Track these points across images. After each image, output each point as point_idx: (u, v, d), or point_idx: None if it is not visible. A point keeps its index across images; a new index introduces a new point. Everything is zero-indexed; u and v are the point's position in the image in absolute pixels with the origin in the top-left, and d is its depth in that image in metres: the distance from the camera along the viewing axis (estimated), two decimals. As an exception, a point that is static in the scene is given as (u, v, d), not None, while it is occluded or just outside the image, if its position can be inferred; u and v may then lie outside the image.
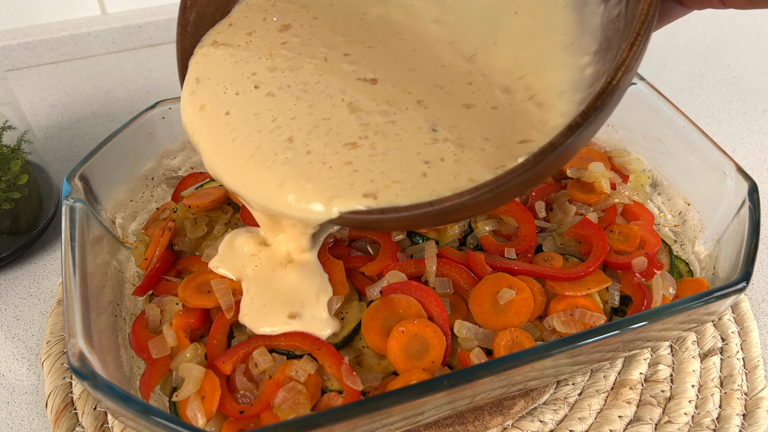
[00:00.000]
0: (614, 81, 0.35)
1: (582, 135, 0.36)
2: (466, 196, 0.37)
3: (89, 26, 1.04)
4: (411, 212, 0.38)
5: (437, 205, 0.38)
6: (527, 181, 0.37)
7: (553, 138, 0.35)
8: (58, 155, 0.86)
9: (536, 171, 0.36)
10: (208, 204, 0.62)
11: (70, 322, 0.44)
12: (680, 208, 0.65)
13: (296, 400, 0.47)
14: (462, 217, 0.41)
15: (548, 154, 0.35)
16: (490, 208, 0.40)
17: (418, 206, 0.38)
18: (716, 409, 0.55)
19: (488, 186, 0.36)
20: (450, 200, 0.37)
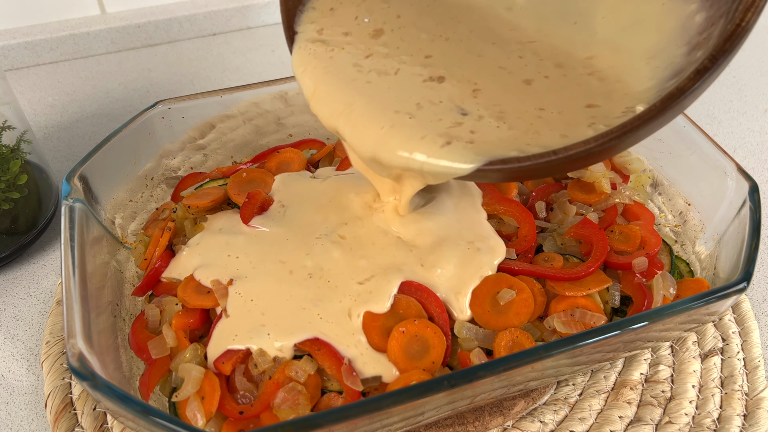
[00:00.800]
0: (743, 23, 0.35)
1: (708, 81, 0.36)
2: (592, 143, 0.39)
3: (89, 26, 1.04)
4: (547, 159, 0.40)
5: (568, 152, 0.40)
6: (649, 129, 0.38)
7: (680, 82, 0.36)
8: (58, 155, 0.85)
9: (662, 117, 0.37)
10: (208, 204, 0.62)
11: (70, 323, 0.44)
12: (681, 208, 0.65)
13: (296, 401, 0.47)
14: (579, 166, 0.43)
15: (676, 98, 0.36)
16: (609, 155, 0.42)
17: (550, 153, 0.40)
18: (717, 410, 0.55)
19: (614, 132, 0.38)
20: (576, 147, 0.39)
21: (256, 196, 0.61)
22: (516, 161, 0.41)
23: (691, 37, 0.41)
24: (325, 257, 0.55)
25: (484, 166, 0.42)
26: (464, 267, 0.53)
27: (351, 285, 0.53)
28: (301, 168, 0.67)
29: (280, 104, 0.73)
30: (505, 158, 0.41)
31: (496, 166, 0.41)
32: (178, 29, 1.09)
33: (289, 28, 0.51)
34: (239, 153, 0.73)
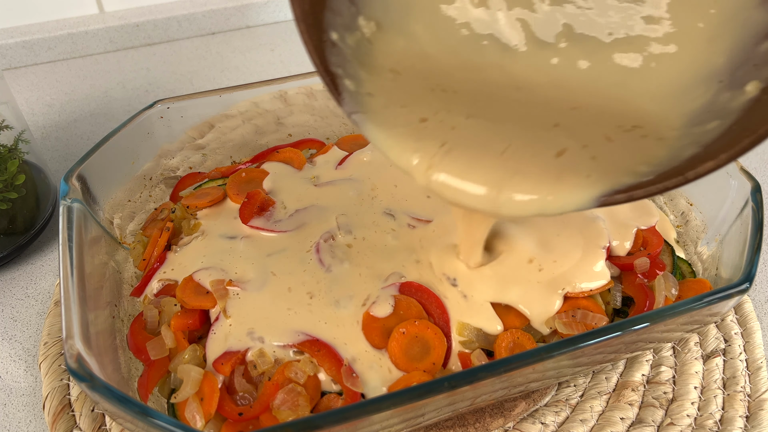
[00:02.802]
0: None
1: None
2: (722, 155, 0.37)
3: (87, 25, 1.04)
4: (664, 183, 0.38)
5: (690, 171, 0.38)
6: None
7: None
8: (56, 155, 0.85)
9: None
10: (207, 204, 0.62)
11: (68, 324, 0.44)
12: (683, 209, 0.64)
13: (295, 402, 0.46)
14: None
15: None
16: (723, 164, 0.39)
17: (670, 174, 0.39)
18: (719, 411, 0.55)
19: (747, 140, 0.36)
20: (704, 165, 0.37)
21: (256, 196, 0.60)
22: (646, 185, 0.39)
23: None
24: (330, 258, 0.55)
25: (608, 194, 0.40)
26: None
27: (352, 286, 0.53)
28: (300, 168, 0.67)
29: (279, 104, 0.72)
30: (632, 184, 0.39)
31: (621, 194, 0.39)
32: (176, 28, 1.09)
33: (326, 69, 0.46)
34: (238, 153, 0.73)
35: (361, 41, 0.45)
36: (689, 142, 0.40)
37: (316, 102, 0.74)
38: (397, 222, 0.58)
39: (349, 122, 0.76)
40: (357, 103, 0.43)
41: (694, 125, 0.40)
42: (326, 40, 0.43)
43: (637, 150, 0.41)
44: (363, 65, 0.45)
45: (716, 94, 0.40)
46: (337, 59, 0.43)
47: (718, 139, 0.39)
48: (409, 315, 0.51)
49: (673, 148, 0.40)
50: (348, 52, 0.44)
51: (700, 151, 0.39)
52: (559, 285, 0.53)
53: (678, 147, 0.40)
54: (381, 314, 0.50)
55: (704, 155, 0.38)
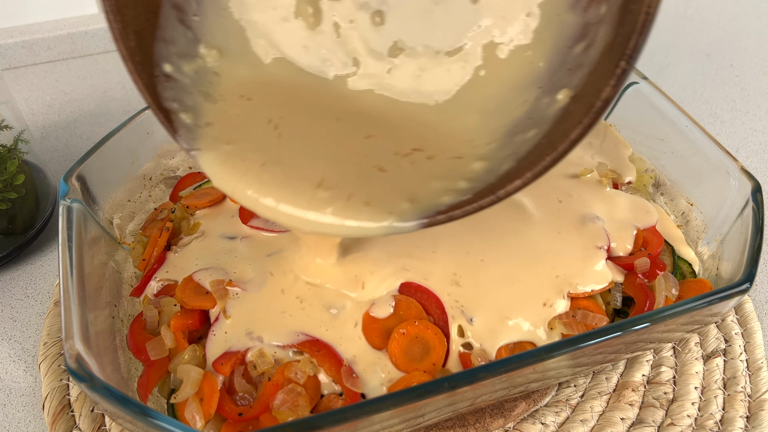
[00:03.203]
0: (651, 9, 0.33)
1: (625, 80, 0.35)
2: (527, 173, 0.37)
3: (86, 25, 1.04)
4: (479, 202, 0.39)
5: (501, 190, 0.39)
6: (583, 135, 0.37)
7: (605, 92, 0.35)
8: (55, 155, 0.85)
9: (595, 121, 0.37)
10: (206, 204, 0.62)
11: (67, 324, 0.44)
12: (683, 209, 0.64)
13: (295, 402, 0.46)
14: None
15: (605, 108, 0.35)
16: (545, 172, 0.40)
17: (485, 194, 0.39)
18: (719, 412, 0.55)
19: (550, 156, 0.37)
20: (512, 184, 0.38)
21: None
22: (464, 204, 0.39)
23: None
24: None
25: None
26: None
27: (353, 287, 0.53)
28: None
29: (279, 103, 0.72)
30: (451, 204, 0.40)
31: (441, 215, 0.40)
32: (177, 28, 1.08)
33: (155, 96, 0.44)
34: (238, 153, 0.72)
35: (202, 70, 0.44)
36: (509, 154, 0.40)
37: (316, 102, 0.73)
38: None
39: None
40: (194, 139, 0.42)
41: (515, 134, 0.41)
42: (158, 74, 0.42)
43: (456, 168, 0.41)
44: (208, 96, 0.44)
45: (537, 101, 0.41)
46: (172, 93, 0.42)
47: (529, 153, 0.39)
48: (409, 315, 0.51)
49: (494, 159, 0.41)
50: (186, 81, 0.43)
51: (514, 166, 0.39)
52: (562, 287, 0.53)
53: (498, 159, 0.40)
54: (381, 315, 0.50)
55: (515, 172, 0.39)
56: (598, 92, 0.35)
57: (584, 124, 0.36)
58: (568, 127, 0.37)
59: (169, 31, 0.43)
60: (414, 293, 0.52)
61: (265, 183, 0.42)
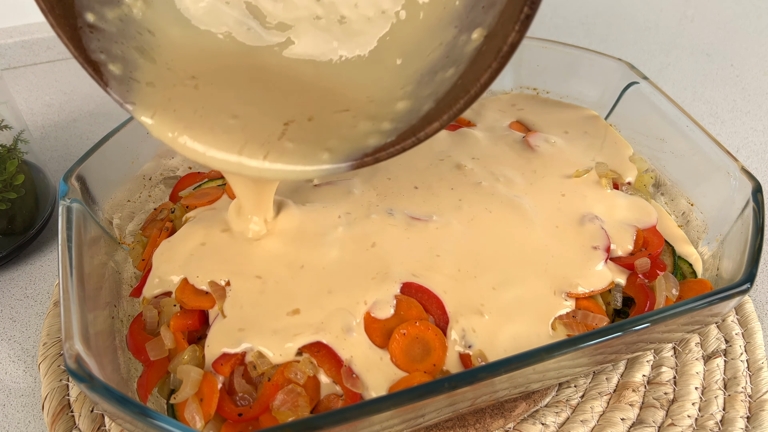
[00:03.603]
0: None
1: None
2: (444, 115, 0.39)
3: (87, 25, 1.03)
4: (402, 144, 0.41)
5: (421, 132, 0.41)
6: (492, 79, 0.39)
7: (512, 37, 0.36)
8: (55, 155, 0.85)
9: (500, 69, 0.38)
10: (206, 204, 0.62)
11: (67, 324, 0.44)
12: (683, 209, 0.64)
13: (295, 403, 0.46)
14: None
15: (512, 52, 0.37)
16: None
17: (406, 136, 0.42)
18: (720, 412, 0.55)
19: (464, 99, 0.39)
20: (431, 126, 0.40)
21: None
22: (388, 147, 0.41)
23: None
24: (325, 257, 0.55)
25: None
26: None
27: (353, 287, 0.52)
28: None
29: (279, 103, 0.72)
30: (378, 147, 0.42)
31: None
32: (176, 28, 1.08)
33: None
34: (238, 152, 0.72)
35: (129, 19, 0.44)
36: (429, 93, 0.42)
37: (316, 102, 0.73)
38: (396, 220, 0.58)
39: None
40: (127, 92, 0.43)
41: (435, 72, 0.42)
42: (82, 26, 0.42)
43: (380, 109, 0.43)
44: (144, 53, 0.44)
45: (454, 39, 0.42)
46: (98, 44, 0.43)
47: (446, 95, 0.40)
48: (409, 316, 0.51)
49: (416, 99, 0.42)
50: (112, 30, 0.43)
51: (433, 107, 0.41)
52: (561, 287, 0.53)
53: (420, 98, 0.42)
54: (382, 316, 0.50)
55: (434, 114, 0.40)
56: (505, 36, 0.37)
57: (493, 68, 0.37)
58: (479, 71, 0.38)
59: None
60: (415, 293, 0.52)
61: (198, 130, 0.44)
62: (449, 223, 0.58)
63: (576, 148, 0.68)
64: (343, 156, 0.43)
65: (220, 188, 0.64)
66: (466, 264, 0.54)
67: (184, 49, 0.46)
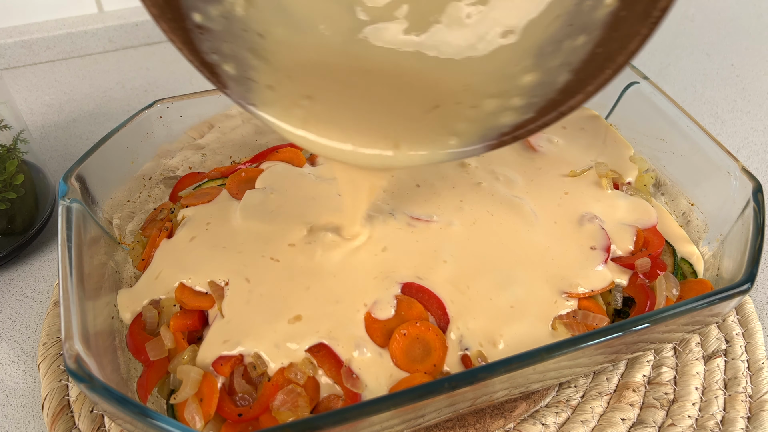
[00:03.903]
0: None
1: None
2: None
3: (86, 24, 1.03)
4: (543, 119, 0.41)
5: (564, 106, 0.39)
6: (641, 46, 0.37)
7: (663, 1, 0.34)
8: (55, 155, 0.85)
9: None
10: (206, 204, 0.62)
11: (67, 324, 0.44)
12: (684, 209, 0.64)
13: (295, 403, 0.46)
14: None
15: (662, 17, 0.35)
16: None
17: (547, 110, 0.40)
18: (720, 412, 0.55)
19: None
20: (575, 98, 0.39)
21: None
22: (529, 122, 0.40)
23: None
24: (325, 257, 0.54)
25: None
26: None
27: (353, 288, 0.52)
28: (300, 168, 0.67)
29: (279, 103, 0.72)
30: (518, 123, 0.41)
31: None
32: (176, 28, 1.08)
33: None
34: (238, 153, 0.72)
35: (232, 16, 0.44)
36: (560, 63, 0.40)
37: (316, 102, 0.73)
38: (397, 220, 0.58)
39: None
40: (247, 92, 0.43)
41: (559, 42, 0.41)
42: (191, 27, 0.42)
43: (505, 85, 0.42)
44: (253, 51, 0.44)
45: (576, 7, 0.40)
46: (209, 44, 0.42)
47: (586, 64, 0.39)
48: (410, 316, 0.51)
49: (543, 71, 0.41)
50: (219, 29, 0.43)
51: (572, 78, 0.39)
52: (562, 287, 0.53)
53: (548, 70, 0.41)
54: (382, 317, 0.50)
55: (575, 86, 0.39)
56: (655, 3, 0.35)
57: (642, 34, 0.35)
58: (625, 39, 0.36)
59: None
60: (415, 294, 0.52)
61: (327, 125, 0.44)
62: (450, 223, 0.58)
63: (576, 148, 0.68)
64: (476, 137, 0.42)
65: (220, 188, 0.64)
66: (467, 264, 0.54)
67: (294, 48, 0.45)
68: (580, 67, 0.39)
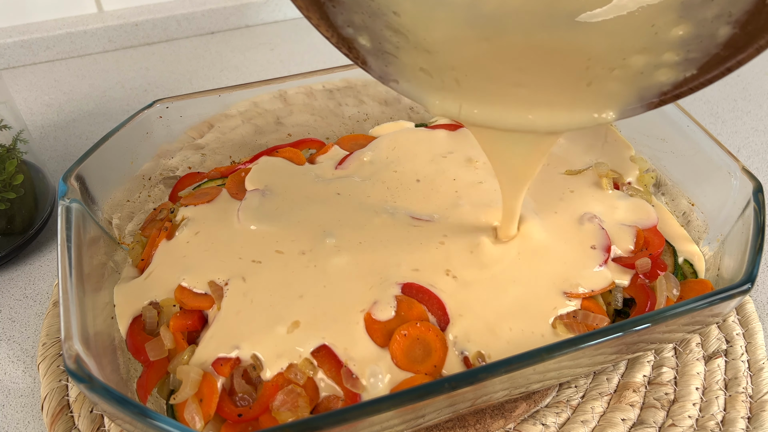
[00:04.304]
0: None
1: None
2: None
3: (85, 24, 1.03)
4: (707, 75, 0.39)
5: (732, 61, 0.37)
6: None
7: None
8: (54, 155, 0.85)
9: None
10: (206, 204, 0.61)
11: (66, 324, 0.44)
12: (684, 209, 0.64)
13: (295, 403, 0.46)
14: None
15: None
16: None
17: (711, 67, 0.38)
18: (721, 412, 0.55)
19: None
20: (746, 52, 0.37)
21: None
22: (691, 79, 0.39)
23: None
24: (326, 258, 0.54)
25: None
26: None
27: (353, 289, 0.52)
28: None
29: (279, 104, 0.72)
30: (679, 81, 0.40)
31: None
32: (175, 27, 1.08)
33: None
34: (238, 152, 0.72)
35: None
36: (715, 15, 0.37)
37: (316, 102, 0.73)
38: (396, 220, 0.58)
39: (349, 122, 0.76)
40: (386, 65, 0.42)
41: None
42: (324, 1, 0.41)
43: (652, 39, 0.39)
44: (386, 25, 0.42)
45: None
46: (343, 17, 0.41)
47: (753, 16, 0.35)
48: (410, 316, 0.50)
49: (696, 22, 0.38)
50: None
51: (738, 32, 0.36)
52: (562, 287, 0.53)
53: (702, 21, 0.38)
54: (383, 318, 0.50)
55: (743, 39, 0.36)
56: None
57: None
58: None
59: None
60: (415, 294, 0.52)
61: (477, 95, 0.43)
62: (450, 223, 0.58)
63: (577, 148, 0.68)
64: (632, 98, 0.41)
65: (220, 188, 0.64)
66: (467, 264, 0.54)
67: (428, 22, 0.43)
68: (745, 19, 0.36)
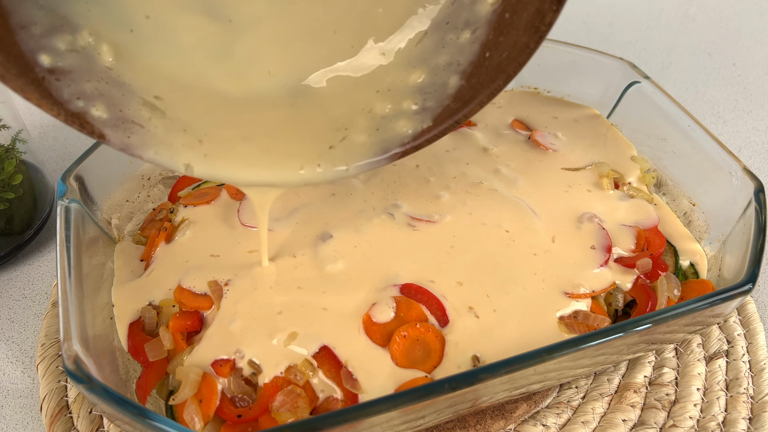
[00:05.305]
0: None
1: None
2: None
3: (86, 24, 1.03)
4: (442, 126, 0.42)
5: (459, 114, 0.41)
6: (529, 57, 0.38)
7: (549, 17, 0.36)
8: (53, 155, 0.85)
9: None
10: (205, 203, 0.61)
11: (66, 325, 0.44)
12: (685, 209, 0.64)
13: (295, 404, 0.46)
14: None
15: (549, 28, 0.36)
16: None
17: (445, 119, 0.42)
18: (722, 413, 0.55)
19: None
20: (469, 107, 0.41)
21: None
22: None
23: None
24: (326, 259, 0.54)
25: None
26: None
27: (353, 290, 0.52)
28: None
29: (278, 103, 0.72)
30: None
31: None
32: (176, 27, 1.08)
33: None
34: (238, 152, 0.72)
35: (82, 47, 0.38)
36: (446, 62, 0.41)
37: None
38: (396, 221, 0.58)
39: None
40: (128, 137, 0.40)
41: (447, 31, 0.41)
42: (43, 75, 0.35)
43: (394, 87, 0.43)
44: (117, 85, 0.39)
45: (454, 2, 0.41)
46: (69, 88, 0.36)
47: (476, 68, 0.40)
48: (409, 317, 0.50)
49: (430, 67, 0.42)
50: (74, 63, 0.37)
51: (464, 84, 0.40)
52: (563, 287, 0.53)
53: (436, 67, 0.41)
54: (382, 320, 0.50)
55: (468, 92, 0.40)
56: (542, 17, 0.36)
57: (530, 48, 0.37)
58: (513, 49, 0.38)
59: (22, 14, 0.35)
60: (414, 294, 0.52)
61: (227, 159, 0.44)
62: (450, 224, 0.58)
63: (578, 148, 0.68)
64: (378, 149, 0.43)
65: (219, 187, 0.64)
66: (467, 265, 0.54)
67: (155, 75, 0.42)
68: (470, 71, 0.40)
